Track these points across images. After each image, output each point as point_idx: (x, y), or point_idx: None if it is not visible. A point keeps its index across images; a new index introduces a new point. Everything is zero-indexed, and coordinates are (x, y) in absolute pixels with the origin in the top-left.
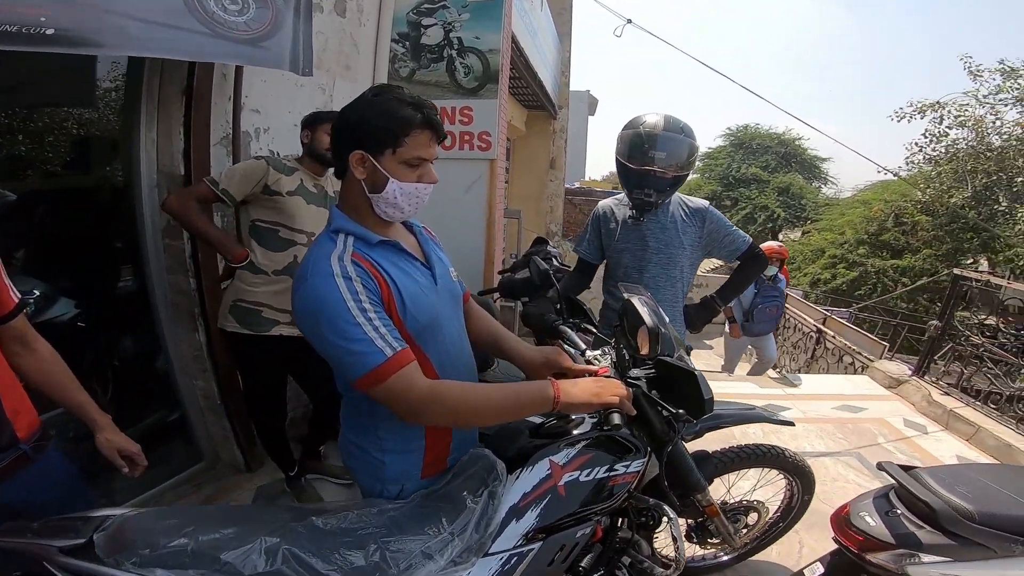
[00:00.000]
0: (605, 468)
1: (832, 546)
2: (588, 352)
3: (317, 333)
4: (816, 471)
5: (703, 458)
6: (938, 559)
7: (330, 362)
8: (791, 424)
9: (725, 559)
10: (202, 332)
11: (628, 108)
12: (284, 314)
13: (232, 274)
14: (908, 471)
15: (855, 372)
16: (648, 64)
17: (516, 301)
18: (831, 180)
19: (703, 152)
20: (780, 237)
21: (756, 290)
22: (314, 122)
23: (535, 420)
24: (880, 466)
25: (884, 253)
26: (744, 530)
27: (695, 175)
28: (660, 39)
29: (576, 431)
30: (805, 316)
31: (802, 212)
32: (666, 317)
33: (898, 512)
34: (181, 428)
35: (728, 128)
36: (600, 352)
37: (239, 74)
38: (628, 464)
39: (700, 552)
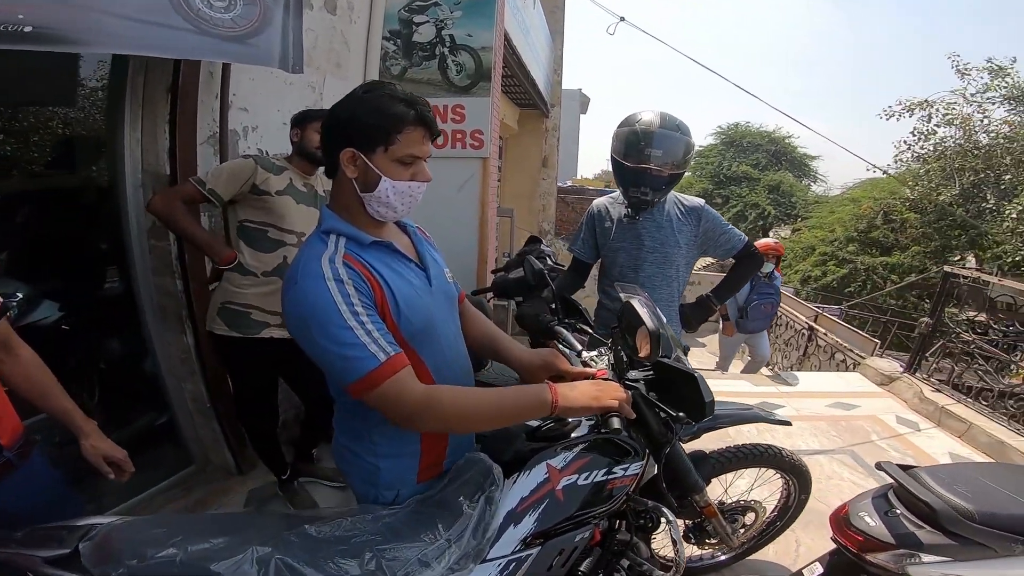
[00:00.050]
0: (603, 471)
1: (830, 545)
2: (584, 353)
3: (308, 337)
4: (811, 469)
5: (700, 458)
6: (938, 559)
7: (322, 367)
8: (788, 423)
9: (723, 559)
10: (190, 334)
11: (619, 107)
12: (274, 316)
13: (220, 276)
14: (907, 470)
15: (847, 369)
16: (639, 63)
17: (510, 301)
18: (820, 178)
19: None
20: (771, 235)
21: (751, 287)
22: (304, 120)
23: (532, 423)
24: (879, 466)
25: (873, 250)
26: (742, 530)
27: (687, 173)
28: (652, 36)
29: (573, 434)
30: (797, 314)
31: (792, 210)
32: (663, 318)
33: (897, 512)
34: (170, 431)
35: (719, 126)
36: (596, 353)
37: (226, 72)
38: (626, 467)
39: (698, 552)
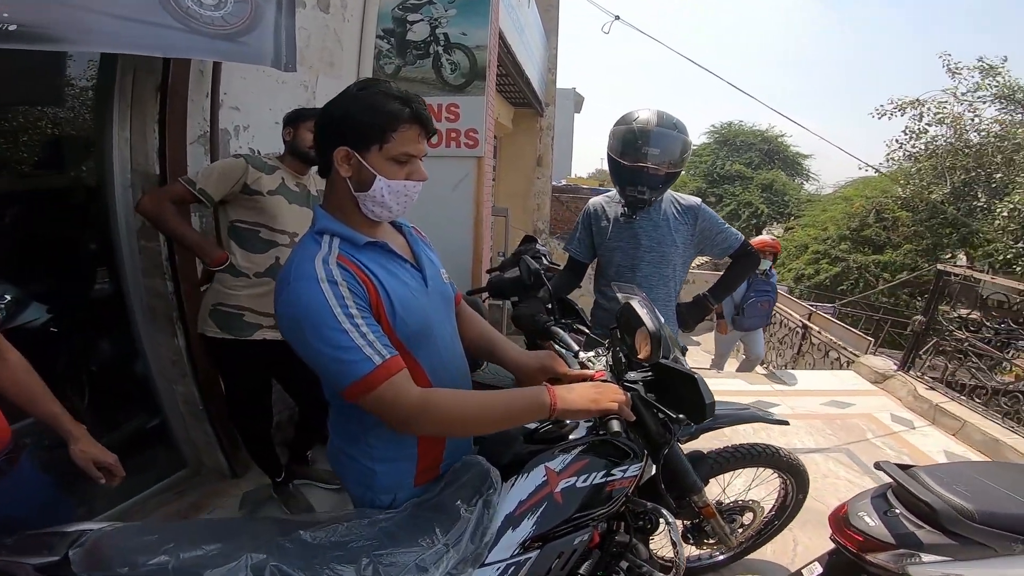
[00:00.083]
0: (602, 473)
1: (827, 544)
2: (582, 353)
3: (301, 340)
4: (807, 468)
5: (698, 459)
6: (938, 559)
7: (316, 371)
8: (785, 423)
9: (721, 559)
10: (181, 336)
11: (613, 106)
12: (267, 318)
13: (211, 278)
14: (905, 470)
15: (841, 367)
16: (633, 62)
17: (505, 301)
18: (813, 176)
19: None
20: (764, 233)
21: (748, 284)
22: (296, 119)
23: (529, 425)
24: (877, 465)
25: (866, 248)
26: (740, 530)
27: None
28: (646, 35)
29: (571, 436)
30: (791, 312)
31: (785, 208)
32: (662, 318)
33: (897, 512)
34: (162, 434)
35: (712, 125)
36: (594, 354)
37: (217, 70)
38: (625, 468)
39: (696, 552)
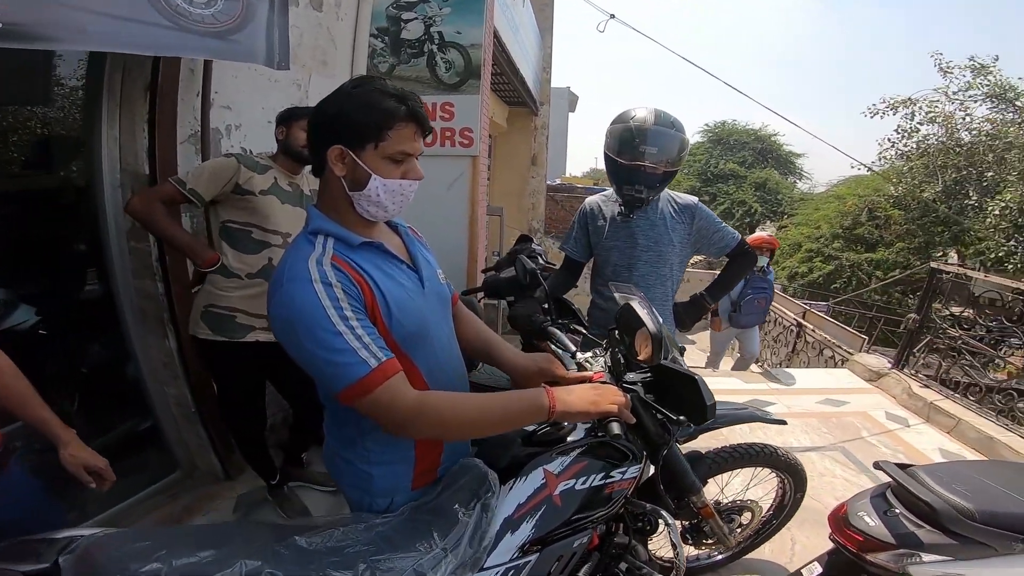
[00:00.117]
0: (601, 475)
1: (825, 543)
2: (579, 354)
3: (295, 343)
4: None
5: (696, 459)
6: (939, 558)
7: (310, 374)
8: (783, 423)
9: (719, 558)
10: (172, 338)
11: (608, 105)
12: (260, 319)
13: (202, 279)
14: (905, 469)
15: (835, 365)
16: (626, 61)
17: (500, 300)
18: (805, 175)
19: None
20: (758, 230)
21: (745, 281)
22: (289, 118)
23: (527, 427)
24: (876, 465)
25: (858, 247)
26: (738, 529)
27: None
28: (641, 33)
29: (569, 438)
30: (785, 310)
31: (778, 207)
32: (660, 319)
33: (896, 511)
34: (154, 437)
35: (706, 124)
36: (591, 354)
37: (208, 69)
38: (624, 470)
39: (694, 552)
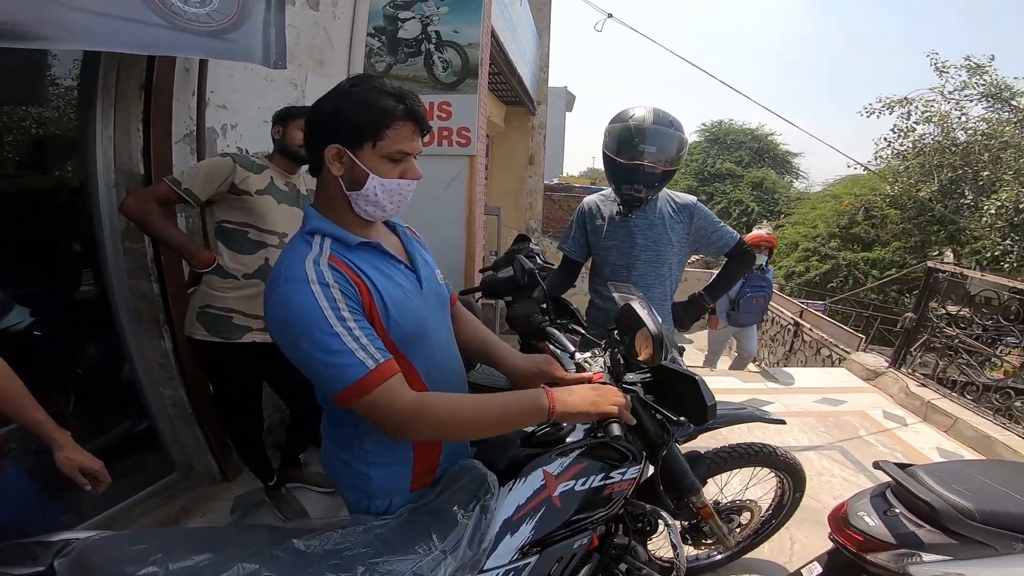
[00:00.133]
0: (600, 476)
1: (824, 542)
2: (578, 354)
3: (292, 344)
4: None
5: (695, 459)
6: (939, 558)
7: (307, 375)
8: (782, 423)
9: (719, 558)
10: (168, 339)
11: (605, 104)
12: (256, 320)
13: (198, 280)
14: (904, 469)
15: (832, 364)
16: (623, 60)
17: (498, 300)
18: (802, 175)
19: None
20: (755, 229)
21: (743, 279)
22: (286, 117)
23: (526, 428)
24: (876, 465)
25: (855, 246)
26: (738, 529)
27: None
28: (639, 32)
29: (569, 439)
30: (783, 309)
31: (775, 206)
32: (660, 319)
33: (896, 511)
34: (150, 438)
35: (703, 124)
36: (590, 354)
37: (203, 68)
38: (624, 471)
39: (693, 552)
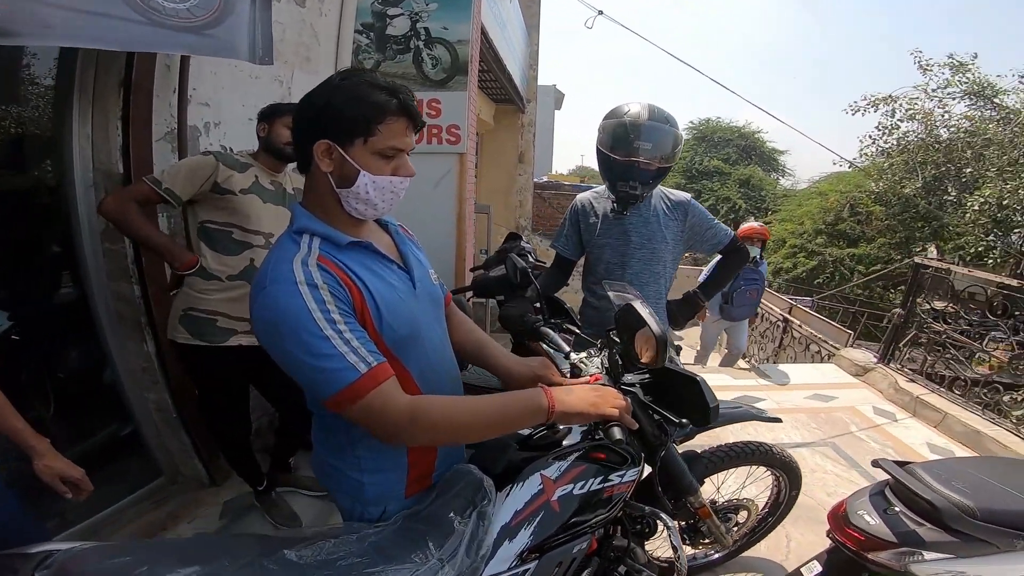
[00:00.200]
0: (599, 479)
1: (820, 539)
2: (573, 355)
3: (280, 348)
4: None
5: (692, 459)
6: (941, 556)
7: (296, 380)
8: (778, 420)
9: (716, 557)
10: (151, 342)
11: (593, 102)
12: (242, 323)
13: (181, 282)
14: (903, 467)
15: (822, 360)
16: (611, 59)
17: (490, 299)
18: (788, 172)
19: None
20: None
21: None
22: (272, 114)
23: (522, 431)
24: (876, 463)
25: (841, 242)
26: (735, 528)
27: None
28: (629, 30)
29: (566, 441)
30: (772, 306)
31: (762, 203)
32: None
33: (896, 509)
34: (134, 443)
35: (691, 121)
36: (585, 355)
37: (185, 65)
38: (623, 474)
39: (691, 551)
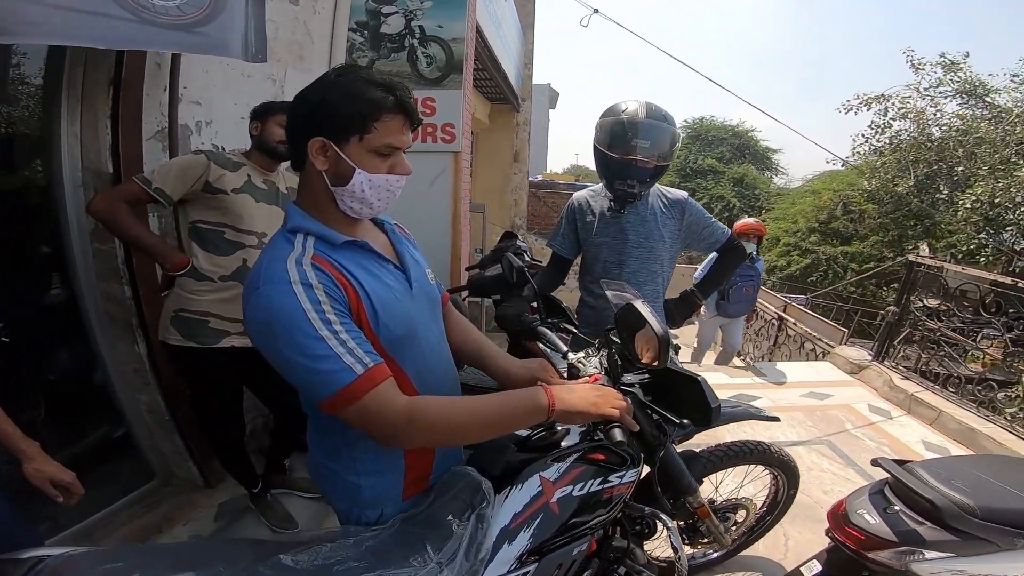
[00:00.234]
0: (599, 480)
1: (818, 537)
2: (570, 354)
3: (274, 349)
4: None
5: (691, 458)
6: (942, 555)
7: (291, 381)
8: (776, 419)
9: (714, 556)
10: (142, 343)
11: (587, 101)
12: (234, 324)
13: (172, 283)
14: (902, 465)
15: (816, 358)
16: (605, 58)
17: (485, 298)
18: (782, 170)
19: None
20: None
21: None
22: (265, 113)
23: (520, 432)
24: (875, 462)
25: (834, 240)
26: (733, 528)
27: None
28: (625, 28)
29: (564, 442)
30: (767, 304)
31: (756, 201)
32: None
33: (896, 508)
34: (127, 446)
35: (685, 120)
36: (584, 354)
37: (175, 63)
38: (622, 474)
39: (689, 551)
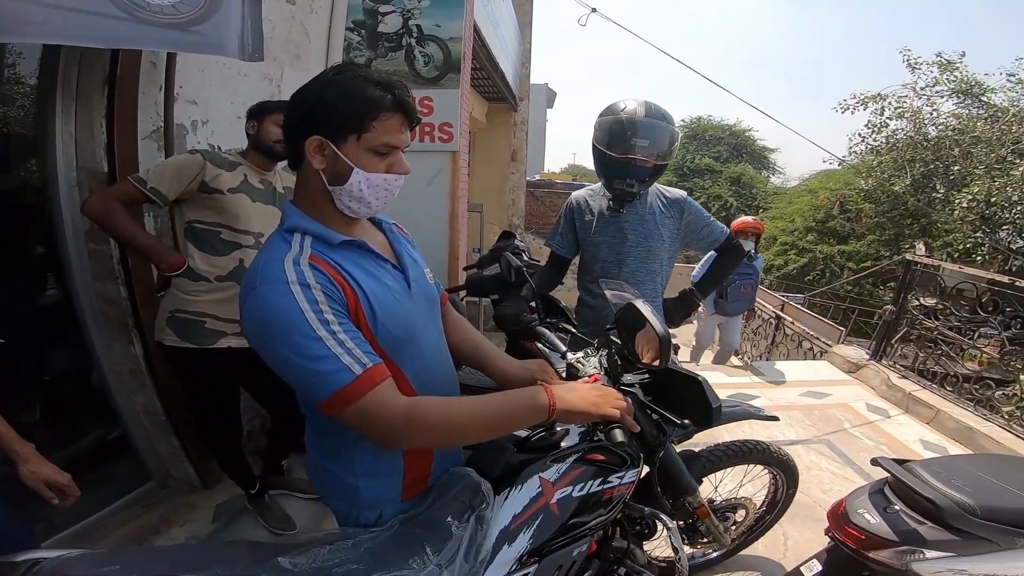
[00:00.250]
0: (599, 481)
1: (818, 536)
2: (569, 354)
3: (271, 350)
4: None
5: (691, 458)
6: (943, 554)
7: (289, 382)
8: (775, 419)
9: (714, 556)
10: (138, 344)
11: (585, 101)
12: (231, 324)
13: (168, 283)
14: (902, 465)
15: (814, 357)
16: (607, 59)
17: (484, 298)
18: (778, 170)
19: None
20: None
21: None
22: (262, 112)
23: (519, 433)
24: (875, 462)
25: (831, 239)
26: (733, 527)
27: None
28: (621, 26)
29: (564, 443)
30: (764, 303)
31: (753, 201)
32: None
33: (896, 508)
34: (123, 447)
35: (682, 120)
36: (583, 354)
37: (171, 62)
38: (622, 475)
39: (689, 550)
